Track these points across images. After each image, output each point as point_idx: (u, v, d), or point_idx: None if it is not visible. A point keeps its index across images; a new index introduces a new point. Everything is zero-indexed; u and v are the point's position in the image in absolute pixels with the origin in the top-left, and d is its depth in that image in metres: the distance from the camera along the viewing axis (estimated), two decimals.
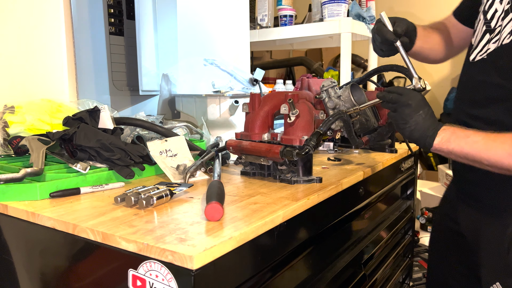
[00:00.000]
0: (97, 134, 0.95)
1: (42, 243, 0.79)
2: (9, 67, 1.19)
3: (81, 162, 0.92)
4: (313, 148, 0.90)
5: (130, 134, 1.15)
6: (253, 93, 1.04)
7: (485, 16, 1.01)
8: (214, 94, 1.38)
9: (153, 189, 0.83)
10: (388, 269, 1.45)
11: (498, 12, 0.98)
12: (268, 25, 2.06)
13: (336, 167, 1.20)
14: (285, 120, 0.99)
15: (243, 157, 1.04)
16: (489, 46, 0.99)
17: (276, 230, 0.78)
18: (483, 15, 1.02)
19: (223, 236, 0.65)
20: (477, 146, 0.88)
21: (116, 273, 0.67)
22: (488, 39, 1.00)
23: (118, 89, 1.48)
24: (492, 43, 0.98)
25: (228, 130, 1.40)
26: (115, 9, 1.45)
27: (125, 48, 1.50)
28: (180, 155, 1.06)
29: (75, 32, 1.33)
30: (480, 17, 1.03)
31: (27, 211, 0.78)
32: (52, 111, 1.13)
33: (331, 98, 1.16)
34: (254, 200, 0.85)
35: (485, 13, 1.01)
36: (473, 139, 0.89)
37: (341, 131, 1.14)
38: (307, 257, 0.94)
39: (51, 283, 0.78)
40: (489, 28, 1.00)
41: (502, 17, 0.97)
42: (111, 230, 0.67)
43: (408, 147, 1.42)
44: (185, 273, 0.59)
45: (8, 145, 1.06)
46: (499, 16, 0.97)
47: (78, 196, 0.87)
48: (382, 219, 1.44)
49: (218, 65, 1.53)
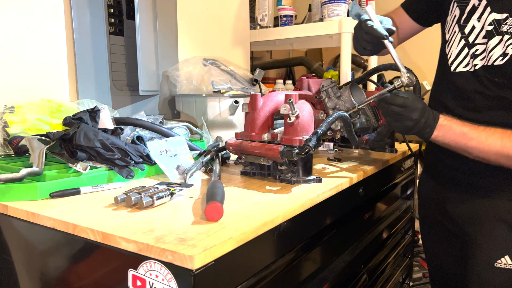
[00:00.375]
0: (97, 134, 0.95)
1: (42, 243, 0.79)
2: (9, 67, 1.19)
3: (81, 162, 0.92)
4: (313, 148, 0.90)
5: (130, 134, 1.15)
6: (253, 93, 1.04)
7: (462, 30, 1.07)
8: (214, 94, 1.38)
9: (153, 189, 0.83)
10: (388, 269, 1.45)
11: (477, 29, 1.04)
12: (268, 25, 2.06)
13: (336, 167, 1.20)
14: (285, 120, 0.99)
15: (243, 157, 1.04)
16: (475, 62, 1.05)
17: (276, 230, 0.78)
18: (458, 28, 1.08)
19: (223, 236, 0.65)
20: (471, 144, 0.97)
21: (116, 273, 0.67)
22: (470, 54, 1.06)
23: (118, 89, 1.48)
24: (478, 59, 1.04)
25: (228, 130, 1.41)
26: (115, 9, 1.45)
27: (125, 48, 1.50)
28: (180, 155, 1.06)
29: (75, 32, 1.33)
30: (455, 28, 1.09)
31: (27, 211, 0.78)
32: (52, 111, 1.12)
33: (331, 98, 1.16)
34: (254, 200, 0.85)
35: (462, 27, 1.07)
36: (468, 136, 0.97)
37: (341, 131, 1.14)
38: (307, 257, 0.94)
39: (51, 283, 0.78)
40: (467, 42, 1.06)
41: (483, 36, 1.03)
42: (111, 230, 0.67)
43: (408, 147, 1.42)
44: (185, 273, 0.59)
45: (8, 145, 1.06)
46: (478, 34, 1.04)
47: (78, 196, 0.87)
48: (382, 219, 1.44)
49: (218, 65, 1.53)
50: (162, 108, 1.59)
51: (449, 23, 1.10)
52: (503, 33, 0.99)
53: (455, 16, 1.08)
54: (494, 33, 1.01)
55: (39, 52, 1.25)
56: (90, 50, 1.38)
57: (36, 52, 1.25)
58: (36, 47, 1.24)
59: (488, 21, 1.02)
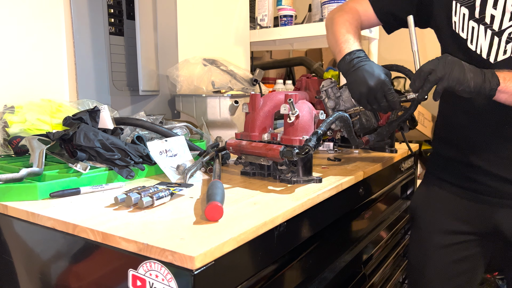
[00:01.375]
0: (97, 134, 0.95)
1: (42, 243, 0.79)
2: (9, 67, 1.19)
3: (81, 162, 0.92)
4: (313, 148, 0.90)
5: (130, 134, 1.15)
6: (253, 93, 1.04)
7: (483, 22, 1.03)
8: (214, 94, 1.38)
9: (153, 189, 0.83)
10: (388, 269, 1.45)
11: (497, 17, 1.00)
12: (268, 25, 2.06)
13: (336, 167, 1.20)
14: (285, 120, 0.99)
15: (243, 157, 1.04)
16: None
17: (276, 230, 0.78)
18: (477, 22, 1.03)
19: (223, 236, 0.65)
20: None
21: (116, 273, 0.67)
22: (503, 40, 1.01)
23: (118, 89, 1.48)
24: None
25: (228, 130, 1.41)
26: (115, 9, 1.45)
27: (125, 48, 1.50)
28: (180, 155, 1.06)
29: (75, 32, 1.33)
30: (472, 24, 1.04)
31: (27, 211, 0.78)
32: (52, 111, 1.12)
33: (331, 98, 1.16)
34: (254, 200, 0.85)
35: (480, 20, 1.03)
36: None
37: (341, 131, 1.14)
38: (307, 257, 0.94)
39: (51, 283, 0.78)
40: (494, 31, 1.02)
41: (510, 19, 0.99)
42: (111, 230, 0.67)
43: (408, 147, 1.42)
44: (185, 273, 0.59)
45: (8, 145, 1.06)
46: (502, 19, 1.00)
47: (78, 196, 0.87)
48: (382, 219, 1.44)
49: (218, 65, 1.53)
50: (162, 108, 1.59)
51: (459, 22, 1.06)
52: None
53: (464, 14, 1.05)
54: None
55: (39, 52, 1.25)
56: (90, 50, 1.38)
57: (36, 52, 1.25)
58: (36, 47, 1.25)
59: (509, 3, 0.97)
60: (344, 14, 1.19)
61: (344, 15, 1.19)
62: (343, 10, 1.22)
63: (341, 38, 1.12)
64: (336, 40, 1.13)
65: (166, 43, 1.54)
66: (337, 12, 1.22)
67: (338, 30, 1.15)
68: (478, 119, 1.08)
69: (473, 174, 1.10)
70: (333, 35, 1.15)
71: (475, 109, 1.07)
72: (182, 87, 1.48)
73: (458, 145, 1.13)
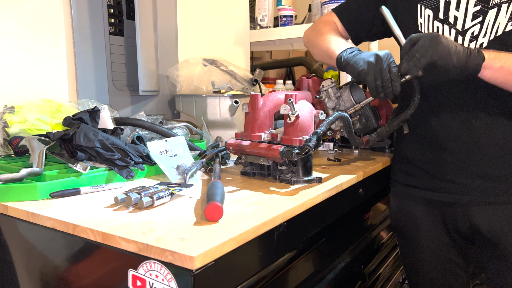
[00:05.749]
0: (97, 134, 0.95)
1: (42, 243, 0.79)
2: (9, 67, 1.19)
3: (81, 162, 0.92)
4: (313, 148, 0.90)
5: (130, 134, 1.15)
6: (253, 93, 1.04)
7: (446, 22, 1.06)
8: (214, 94, 1.38)
9: (153, 189, 0.83)
10: (388, 269, 1.45)
11: (460, 18, 1.04)
12: (268, 25, 2.06)
13: (336, 167, 1.20)
14: (285, 120, 0.99)
15: (243, 157, 1.04)
16: (480, 41, 1.02)
17: (276, 230, 0.78)
18: (440, 22, 1.06)
19: (223, 236, 0.65)
20: None
21: (116, 273, 0.67)
22: (467, 39, 1.04)
23: (118, 89, 1.48)
24: (481, 37, 1.02)
25: (228, 130, 1.41)
26: (115, 9, 1.45)
27: (125, 48, 1.50)
28: (180, 155, 1.06)
29: (75, 32, 1.33)
30: (436, 24, 1.07)
31: (27, 211, 0.78)
32: (52, 111, 1.12)
33: (331, 98, 1.17)
34: (254, 200, 0.85)
35: (444, 20, 1.06)
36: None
37: (341, 131, 1.14)
38: (307, 257, 0.94)
39: (51, 283, 0.78)
40: (458, 30, 1.05)
41: (471, 19, 1.03)
42: (111, 230, 0.67)
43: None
44: (185, 273, 0.59)
45: (8, 145, 1.06)
46: (464, 19, 1.03)
47: (78, 196, 0.87)
48: (382, 219, 1.44)
49: (218, 65, 1.53)
50: (162, 108, 1.59)
51: (425, 23, 1.08)
52: (498, 4, 0.98)
53: (429, 15, 1.07)
54: (486, 9, 1.00)
55: (39, 52, 1.25)
56: (90, 50, 1.38)
57: (36, 52, 1.25)
58: (36, 47, 1.24)
59: (470, 5, 1.01)
60: (325, 25, 1.22)
61: (325, 26, 1.21)
62: (323, 22, 1.24)
63: (331, 44, 1.12)
64: (326, 47, 1.13)
65: (166, 43, 1.54)
66: (319, 24, 1.24)
67: (325, 38, 1.16)
68: (444, 112, 1.07)
69: (442, 173, 1.10)
70: (321, 44, 1.16)
71: (441, 102, 1.07)
72: (182, 87, 1.48)
73: (424, 143, 1.13)
